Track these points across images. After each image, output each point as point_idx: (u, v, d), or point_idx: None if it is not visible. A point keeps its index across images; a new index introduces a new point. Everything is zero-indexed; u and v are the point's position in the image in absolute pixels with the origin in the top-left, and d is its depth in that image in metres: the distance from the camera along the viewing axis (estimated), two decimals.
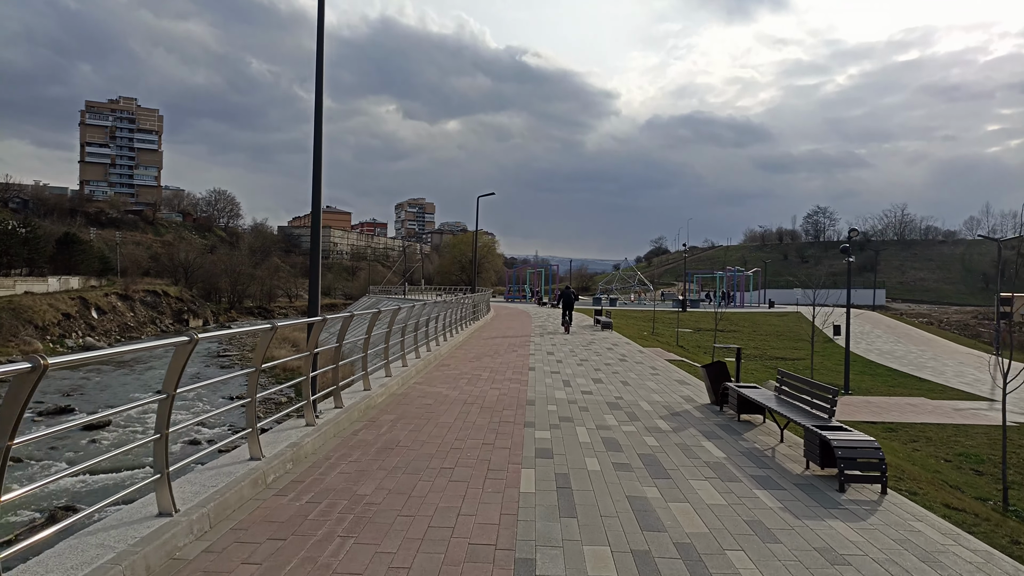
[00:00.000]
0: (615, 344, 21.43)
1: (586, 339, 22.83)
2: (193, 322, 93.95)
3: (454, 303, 22.98)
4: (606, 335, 24.74)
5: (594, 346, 20.52)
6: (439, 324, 19.25)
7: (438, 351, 16.70)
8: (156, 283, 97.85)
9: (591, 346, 20.52)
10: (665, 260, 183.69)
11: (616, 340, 22.74)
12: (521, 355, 17.73)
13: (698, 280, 74.32)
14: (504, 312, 41.53)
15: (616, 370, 14.87)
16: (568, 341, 21.91)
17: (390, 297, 71.74)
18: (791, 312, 51.46)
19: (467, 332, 22.90)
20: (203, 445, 21.99)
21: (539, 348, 19.61)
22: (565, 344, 20.95)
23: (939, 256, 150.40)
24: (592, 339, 22.89)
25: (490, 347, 19.51)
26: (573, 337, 23.26)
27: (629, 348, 20.29)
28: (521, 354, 17.99)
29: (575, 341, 21.99)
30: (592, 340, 22.44)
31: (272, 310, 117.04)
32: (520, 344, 20.74)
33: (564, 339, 22.39)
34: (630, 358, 17.25)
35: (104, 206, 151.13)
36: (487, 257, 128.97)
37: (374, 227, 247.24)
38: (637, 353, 18.76)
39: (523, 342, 21.32)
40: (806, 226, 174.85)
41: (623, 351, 19.25)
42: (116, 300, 79.71)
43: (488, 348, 19.32)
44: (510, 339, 21.95)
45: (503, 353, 17.98)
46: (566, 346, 20.28)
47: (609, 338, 23.55)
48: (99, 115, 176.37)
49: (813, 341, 21.67)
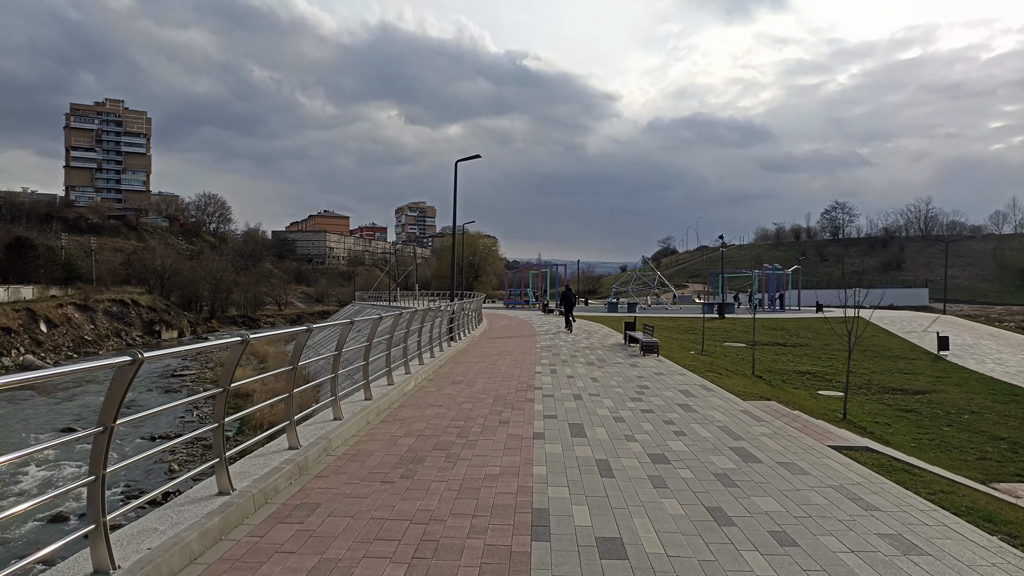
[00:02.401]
0: (688, 392, 11.31)
1: (628, 380, 12.70)
2: (166, 334, 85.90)
3: (419, 316, 14.74)
4: (654, 367, 14.99)
5: (654, 401, 10.43)
6: (397, 351, 10.97)
7: (349, 428, 8.02)
8: (130, 291, 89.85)
9: (650, 403, 10.23)
10: (675, 260, 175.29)
11: (679, 381, 12.67)
12: (516, 442, 7.72)
13: (724, 280, 65.59)
14: (500, 323, 32.99)
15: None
16: (602, 386, 11.89)
17: (375, 305, 63.47)
18: (851, 317, 42.77)
19: (432, 366, 14.51)
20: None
21: (555, 411, 9.71)
22: (608, 410, 9.81)
23: (969, 252, 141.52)
24: (639, 383, 12.38)
25: (460, 410, 9.79)
26: (606, 378, 13.13)
27: (728, 408, 10.03)
28: (516, 438, 7.93)
29: (616, 392, 11.35)
30: (640, 385, 12.12)
31: (258, 319, 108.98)
32: (515, 398, 10.68)
33: (600, 397, 10.78)
34: (767, 453, 7.32)
35: (86, 211, 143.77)
36: (487, 259, 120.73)
37: (373, 231, 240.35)
38: (757, 429, 8.57)
39: (521, 391, 11.31)
40: (823, 223, 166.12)
41: (734, 424, 8.88)
42: (73, 311, 71.65)
43: (454, 414, 9.47)
44: (501, 383, 12.08)
45: (479, 436, 8.05)
46: (617, 423, 8.87)
47: (665, 376, 13.43)
48: (84, 118, 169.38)
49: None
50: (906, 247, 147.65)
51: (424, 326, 14.55)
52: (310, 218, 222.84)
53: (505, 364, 14.93)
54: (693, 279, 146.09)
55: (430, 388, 11.50)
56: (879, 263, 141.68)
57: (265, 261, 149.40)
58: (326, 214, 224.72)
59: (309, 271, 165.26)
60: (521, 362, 15.33)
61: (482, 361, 15.49)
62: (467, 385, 11.58)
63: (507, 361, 15.62)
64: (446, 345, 17.46)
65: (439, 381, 12.03)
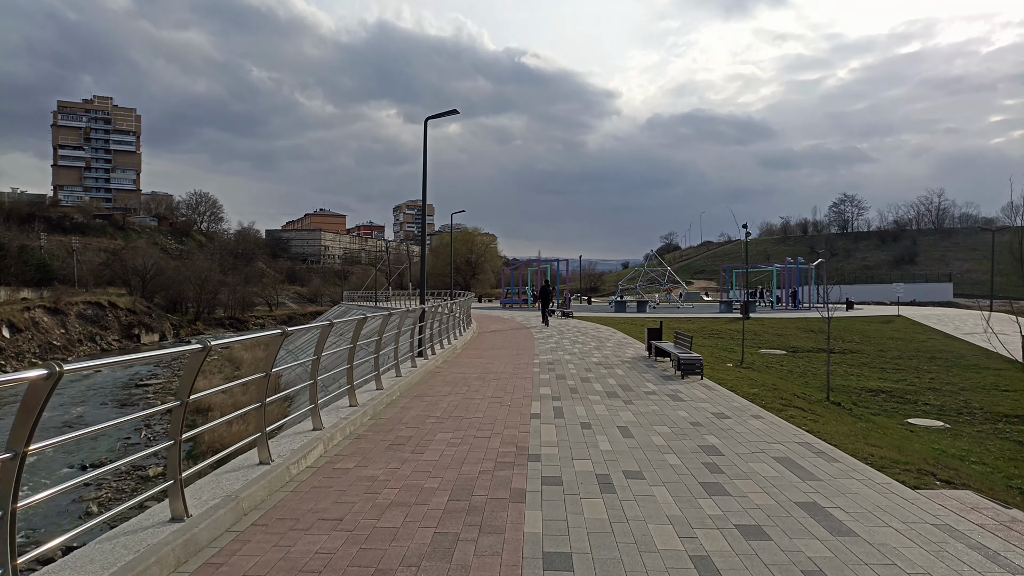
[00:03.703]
0: (793, 463, 6.48)
1: (678, 431, 7.92)
2: (146, 337, 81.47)
3: (390, 320, 10.26)
4: (704, 399, 10.27)
5: (747, 492, 5.65)
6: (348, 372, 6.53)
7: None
8: (111, 292, 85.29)
9: (743, 502, 5.38)
10: (678, 256, 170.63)
11: (761, 432, 7.88)
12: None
13: (738, 276, 60.92)
14: (493, 328, 28.40)
15: None
16: (642, 450, 6.92)
17: (361, 306, 58.93)
18: (889, 314, 38.38)
19: (374, 404, 9.91)
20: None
21: (565, 534, 4.66)
22: None
23: (984, 245, 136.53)
24: (699, 438, 7.55)
25: (365, 550, 4.36)
26: (642, 428, 8.13)
27: (903, 514, 5.08)
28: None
29: (669, 466, 6.43)
30: (704, 445, 7.23)
31: (246, 320, 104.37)
32: (492, 489, 5.75)
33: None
34: None
35: (71, 211, 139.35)
36: (486, 257, 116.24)
37: (371, 230, 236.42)
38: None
39: (504, 467, 6.39)
40: (831, 216, 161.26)
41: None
42: (42, 314, 67.11)
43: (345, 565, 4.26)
44: (474, 442, 7.25)
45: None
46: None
47: (731, 419, 8.66)
48: (72, 115, 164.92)
49: None
50: (919, 240, 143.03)
51: (382, 338, 10.03)
52: (306, 217, 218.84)
53: (487, 397, 10.37)
54: (698, 275, 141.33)
55: (342, 464, 6.48)
56: (891, 257, 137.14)
57: (258, 260, 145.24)
58: (322, 212, 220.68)
59: (303, 270, 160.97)
60: (511, 392, 10.76)
61: (455, 392, 10.92)
62: (414, 450, 6.88)
63: (491, 390, 11.04)
64: (410, 365, 12.91)
65: (368, 442, 7.32)
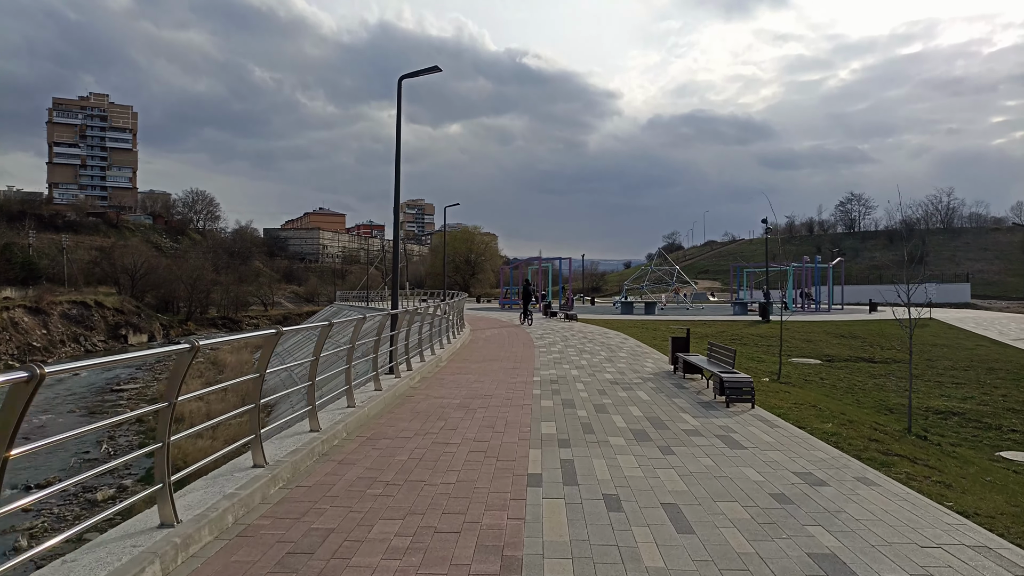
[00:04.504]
0: None
1: (760, 513, 5.02)
2: (134, 338, 78.67)
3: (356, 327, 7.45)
4: (770, 441, 7.43)
5: None
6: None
7: None
8: (98, 292, 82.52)
9: None
10: (681, 256, 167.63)
11: (885, 513, 5.03)
12: None
13: (748, 276, 57.92)
14: (488, 333, 25.48)
15: None
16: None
17: (353, 307, 56.06)
18: (921, 317, 35.38)
19: (294, 460, 7.00)
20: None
21: None
22: None
23: (995, 245, 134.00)
24: (800, 538, 4.51)
25: None
26: (699, 506, 5.20)
27: None
28: None
29: None
30: (814, 551, 4.29)
31: (240, 320, 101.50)
32: None
33: None
34: None
35: (63, 209, 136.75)
36: (486, 256, 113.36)
37: (371, 229, 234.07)
38: None
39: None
40: (837, 215, 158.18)
41: None
42: (22, 314, 64.31)
43: None
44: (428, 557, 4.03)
45: None
46: None
47: (832, 487, 5.70)
48: (67, 112, 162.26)
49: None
50: (928, 240, 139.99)
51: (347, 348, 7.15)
52: (305, 216, 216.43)
53: (468, 440, 7.42)
54: (702, 275, 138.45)
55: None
56: (900, 257, 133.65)
57: (255, 259, 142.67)
58: (321, 212, 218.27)
59: (300, 270, 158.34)
60: (501, 432, 7.79)
61: (425, 430, 7.96)
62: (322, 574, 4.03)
63: (475, 428, 8.08)
64: (372, 389, 9.98)
65: (250, 551, 4.35)
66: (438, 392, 10.77)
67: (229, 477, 5.41)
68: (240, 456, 5.91)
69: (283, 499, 5.30)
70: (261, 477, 5.43)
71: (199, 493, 4.99)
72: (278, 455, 6.11)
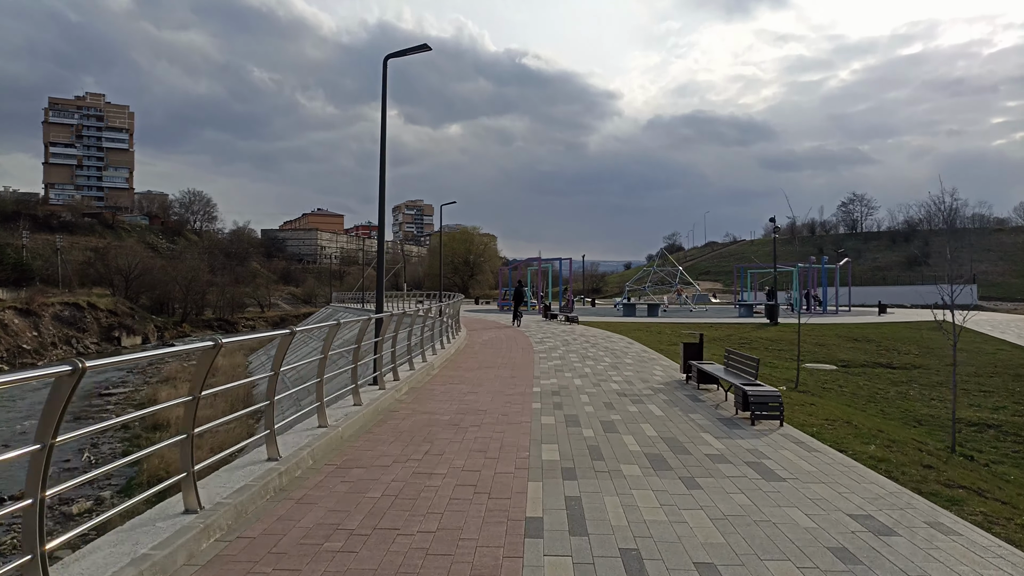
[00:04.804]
0: None
1: None
2: (127, 340, 77.45)
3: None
4: (811, 472, 6.19)
5: None
6: None
7: None
8: (91, 293, 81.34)
9: None
10: (682, 257, 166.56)
11: None
12: None
13: (753, 277, 56.73)
14: (485, 337, 24.39)
15: None
16: None
17: (350, 308, 54.92)
18: (947, 322, 34.15)
19: (275, 475, 5.94)
20: None
21: None
22: None
23: (999, 246, 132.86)
24: None
25: None
26: None
27: None
28: None
29: None
30: None
31: (236, 322, 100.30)
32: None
33: None
34: None
35: (59, 209, 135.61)
36: (485, 257, 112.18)
37: (369, 230, 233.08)
38: None
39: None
40: (839, 216, 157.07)
41: None
42: (12, 316, 63.15)
43: None
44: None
45: None
46: None
47: (912, 547, 4.39)
48: (64, 112, 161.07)
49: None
50: (931, 241, 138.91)
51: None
52: (303, 216, 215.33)
53: (456, 469, 6.28)
54: (703, 276, 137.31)
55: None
56: (903, 258, 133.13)
57: (252, 260, 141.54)
58: (319, 212, 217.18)
59: (298, 271, 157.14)
60: (496, 458, 6.62)
61: (407, 455, 6.82)
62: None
63: (465, 453, 6.94)
64: (352, 403, 8.86)
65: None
66: (426, 406, 9.65)
67: (150, 528, 4.30)
68: (171, 498, 4.80)
69: (215, 558, 4.19)
70: (190, 528, 4.31)
71: (102, 554, 3.88)
72: (220, 494, 4.99)
